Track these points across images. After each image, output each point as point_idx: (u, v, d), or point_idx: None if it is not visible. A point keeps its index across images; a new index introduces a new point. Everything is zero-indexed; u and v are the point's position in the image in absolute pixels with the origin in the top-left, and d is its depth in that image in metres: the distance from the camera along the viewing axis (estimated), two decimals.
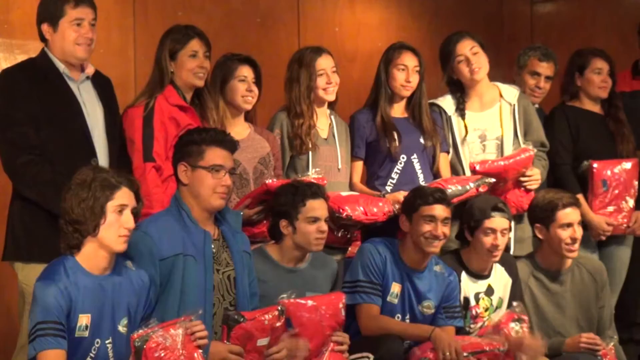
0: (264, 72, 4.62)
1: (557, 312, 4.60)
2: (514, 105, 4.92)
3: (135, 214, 3.45)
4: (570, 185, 4.96)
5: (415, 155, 4.76)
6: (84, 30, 3.99)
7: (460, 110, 4.90)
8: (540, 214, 4.60)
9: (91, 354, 3.35)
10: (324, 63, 4.66)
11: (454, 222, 4.49)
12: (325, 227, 4.12)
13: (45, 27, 3.99)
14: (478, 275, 4.51)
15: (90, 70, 4.09)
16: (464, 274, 4.48)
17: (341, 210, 4.36)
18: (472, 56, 4.85)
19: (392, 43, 4.95)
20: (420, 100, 4.82)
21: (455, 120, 4.89)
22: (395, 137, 4.72)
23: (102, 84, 4.14)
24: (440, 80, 5.08)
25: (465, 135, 4.87)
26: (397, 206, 4.48)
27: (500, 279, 4.54)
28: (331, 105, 4.77)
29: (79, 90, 4.02)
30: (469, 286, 4.48)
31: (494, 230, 4.40)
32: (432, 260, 4.37)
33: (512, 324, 4.29)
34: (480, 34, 6.39)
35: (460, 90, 4.94)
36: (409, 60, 4.80)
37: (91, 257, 3.38)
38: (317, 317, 3.88)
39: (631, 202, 5.02)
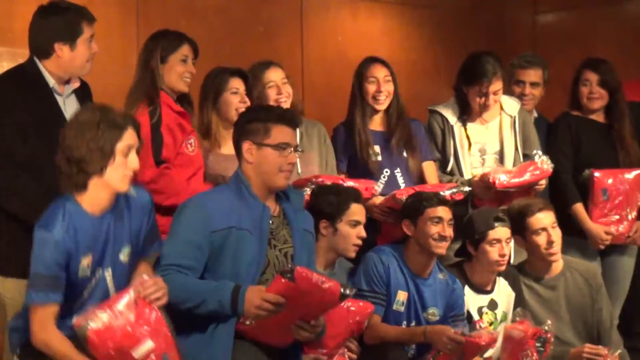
0: None
1: (552, 319, 4.57)
2: (515, 117, 4.94)
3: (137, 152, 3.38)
4: (569, 194, 4.97)
5: (398, 170, 4.76)
6: (94, 46, 3.97)
7: (463, 120, 4.90)
8: (515, 226, 4.59)
9: (90, 284, 3.33)
10: (273, 75, 4.64)
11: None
12: (364, 233, 4.16)
13: (59, 46, 3.89)
14: (480, 289, 4.52)
15: (76, 84, 4.02)
16: (466, 288, 4.48)
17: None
18: (494, 96, 4.83)
19: (394, 53, 4.96)
20: (397, 110, 4.80)
21: (458, 130, 4.90)
22: (378, 151, 4.74)
23: (83, 95, 4.07)
24: (441, 87, 5.08)
25: (469, 148, 4.88)
26: (376, 210, 4.53)
27: (503, 293, 4.54)
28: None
29: (64, 105, 3.95)
30: (471, 300, 4.47)
31: (499, 241, 4.41)
32: (435, 267, 4.38)
33: (537, 344, 4.28)
34: (482, 44, 6.43)
35: (464, 101, 4.92)
36: (378, 71, 4.78)
37: (94, 197, 3.31)
38: (346, 317, 3.90)
39: (634, 213, 5.02)
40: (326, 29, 6.65)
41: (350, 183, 4.47)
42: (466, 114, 4.91)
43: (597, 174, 4.96)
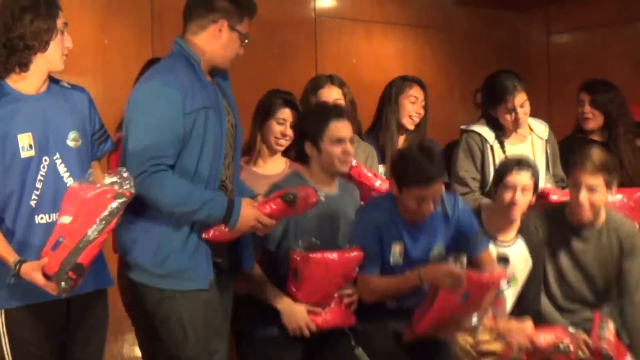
0: None
1: (577, 274, 4.51)
2: (545, 140, 4.92)
3: None
4: None
5: None
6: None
7: (500, 142, 4.87)
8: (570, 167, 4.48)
9: (41, 173, 3.32)
10: (325, 94, 4.67)
11: None
12: (350, 148, 4.04)
13: None
14: (494, 238, 4.39)
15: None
16: None
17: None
18: (520, 109, 4.80)
19: (403, 74, 5.00)
20: (424, 135, 4.87)
21: (497, 150, 4.86)
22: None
23: None
24: (456, 107, 5.09)
25: None
26: None
27: (520, 255, 4.41)
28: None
29: None
30: None
31: (514, 186, 4.31)
32: None
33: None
34: (496, 64, 6.44)
35: (495, 123, 4.89)
36: (419, 93, 4.86)
37: (30, 77, 3.36)
38: (325, 272, 3.87)
39: None
40: (341, 51, 6.70)
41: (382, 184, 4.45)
42: (501, 134, 4.89)
43: None
